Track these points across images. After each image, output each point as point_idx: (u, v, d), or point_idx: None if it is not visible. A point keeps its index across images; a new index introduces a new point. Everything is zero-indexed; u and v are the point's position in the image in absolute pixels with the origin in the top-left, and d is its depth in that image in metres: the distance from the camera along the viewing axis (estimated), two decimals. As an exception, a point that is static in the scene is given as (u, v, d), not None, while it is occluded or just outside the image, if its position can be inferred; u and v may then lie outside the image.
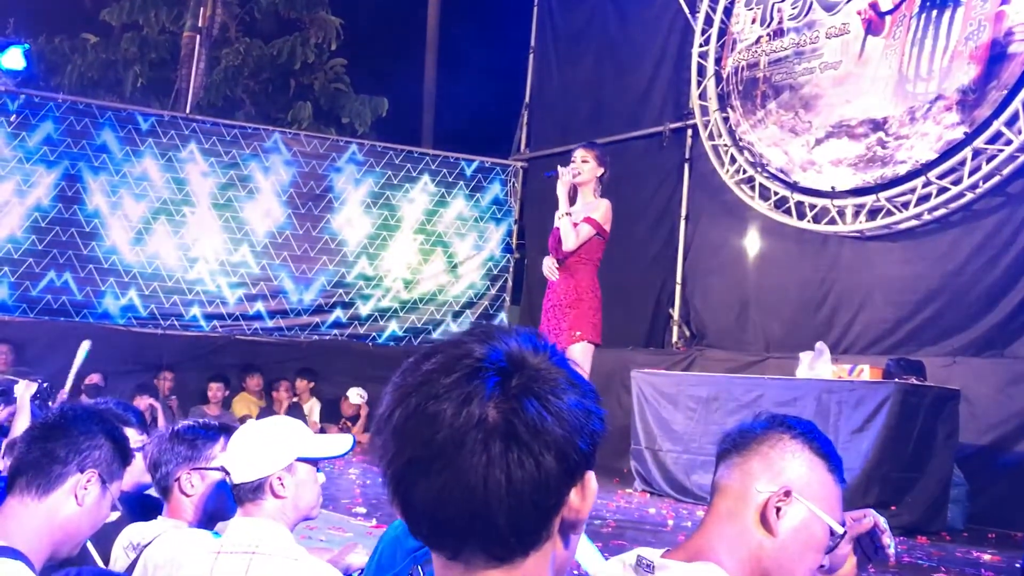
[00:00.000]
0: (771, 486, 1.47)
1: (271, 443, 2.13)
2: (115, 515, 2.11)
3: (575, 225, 5.11)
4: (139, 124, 9.25)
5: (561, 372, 0.93)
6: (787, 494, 1.46)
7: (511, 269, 10.51)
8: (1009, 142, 6.41)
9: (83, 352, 5.17)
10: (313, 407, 9.20)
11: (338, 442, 2.27)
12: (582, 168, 5.21)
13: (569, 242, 5.09)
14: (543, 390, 0.90)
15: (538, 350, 0.94)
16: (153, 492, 2.64)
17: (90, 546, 2.28)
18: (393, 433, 0.91)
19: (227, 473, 2.13)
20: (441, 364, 0.92)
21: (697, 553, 1.45)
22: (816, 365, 5.93)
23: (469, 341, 0.94)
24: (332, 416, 9.08)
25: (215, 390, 8.79)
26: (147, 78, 12.51)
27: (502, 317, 10.44)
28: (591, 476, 0.93)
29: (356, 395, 9.11)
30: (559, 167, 5.28)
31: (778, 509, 1.45)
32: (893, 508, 5.31)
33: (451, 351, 0.93)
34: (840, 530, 1.50)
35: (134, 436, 2.78)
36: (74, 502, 1.93)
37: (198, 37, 11.15)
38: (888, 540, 1.62)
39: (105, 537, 2.33)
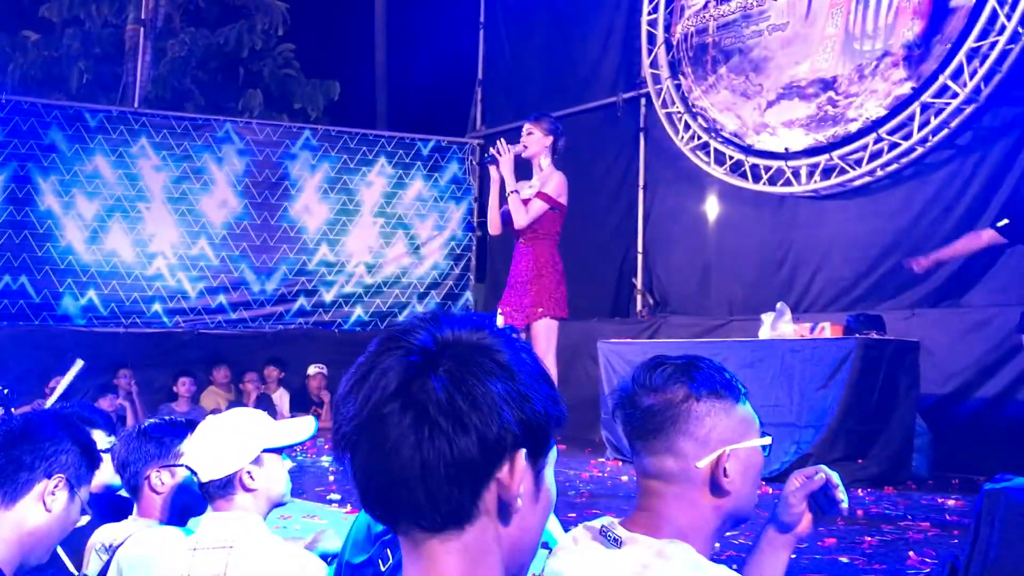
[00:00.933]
0: (708, 456, 1.48)
1: (235, 437, 2.12)
2: (85, 519, 2.09)
3: (525, 202, 5.11)
4: (87, 121, 9.09)
5: (497, 354, 0.96)
6: (726, 454, 1.49)
7: (474, 247, 10.50)
8: (955, 95, 6.50)
9: (75, 371, 5.07)
10: (282, 397, 9.17)
11: (301, 427, 2.27)
12: (528, 141, 5.20)
13: (520, 219, 5.09)
14: (463, 373, 0.94)
15: (477, 333, 0.98)
16: (123, 493, 2.63)
17: (60, 551, 2.28)
18: (334, 410, 1.00)
19: (194, 472, 2.13)
20: (378, 347, 0.98)
21: (655, 528, 1.47)
22: (778, 325, 6.01)
23: (412, 326, 0.99)
24: (302, 404, 9.06)
25: (183, 385, 8.73)
26: (92, 73, 12.27)
27: (467, 296, 10.45)
28: (520, 456, 0.96)
29: (314, 368, 9.17)
30: (495, 151, 5.25)
31: (725, 468, 1.48)
32: (860, 461, 5.42)
33: (391, 335, 0.99)
34: (768, 440, 1.55)
35: (102, 438, 2.77)
36: (42, 508, 1.92)
37: (142, 29, 10.97)
38: (841, 494, 1.66)
39: (77, 540, 2.33)
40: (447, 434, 0.92)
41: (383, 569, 1.86)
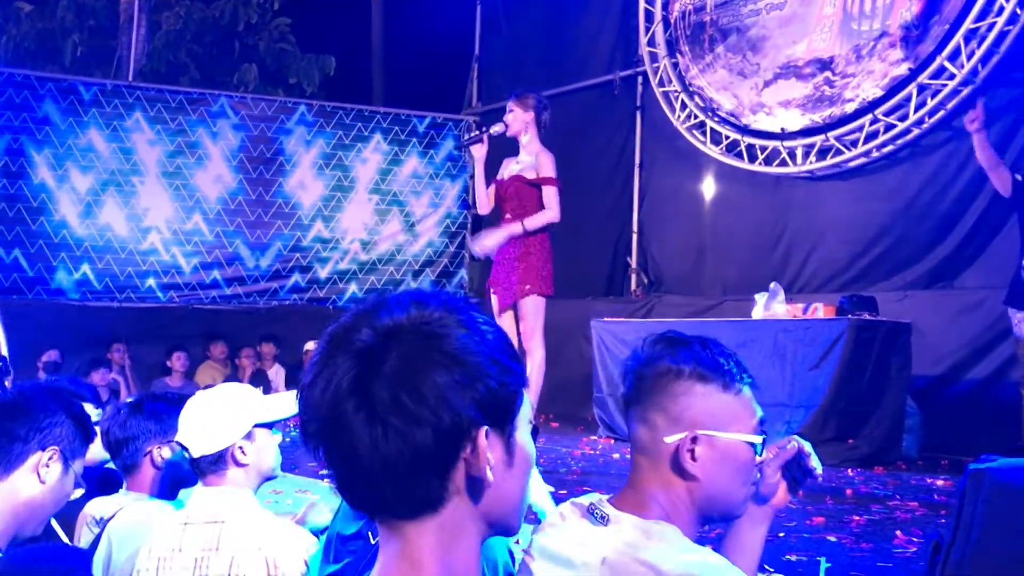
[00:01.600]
0: (677, 434, 1.46)
1: (226, 413, 2.13)
2: (79, 492, 2.11)
3: (520, 180, 5.11)
4: (81, 94, 9.03)
5: (442, 341, 0.97)
6: (695, 439, 1.45)
7: (469, 225, 10.48)
8: (952, 76, 6.49)
9: None
10: (278, 373, 9.19)
11: (292, 401, 2.27)
12: (508, 120, 5.19)
13: (547, 216, 5.08)
14: (407, 369, 0.95)
15: (420, 317, 0.99)
16: (109, 465, 2.64)
17: (55, 524, 2.29)
18: (300, 404, 1.02)
19: (185, 448, 2.13)
20: (326, 345, 1.00)
21: (640, 505, 1.47)
22: (771, 305, 6.03)
23: (354, 322, 1.00)
24: (297, 380, 9.06)
25: (177, 360, 8.73)
26: (87, 46, 12.18)
27: (462, 273, 10.44)
28: (482, 435, 0.97)
29: (312, 344, 9.16)
30: (475, 131, 5.28)
31: (692, 452, 1.45)
32: (851, 441, 5.46)
33: (334, 334, 1.00)
34: (758, 440, 1.50)
35: (90, 411, 2.78)
36: (36, 480, 1.94)
37: (137, 2, 10.86)
38: (814, 462, 1.65)
39: (68, 513, 2.34)
40: (399, 431, 0.94)
41: (373, 542, 1.87)
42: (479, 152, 5.21)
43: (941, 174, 6.74)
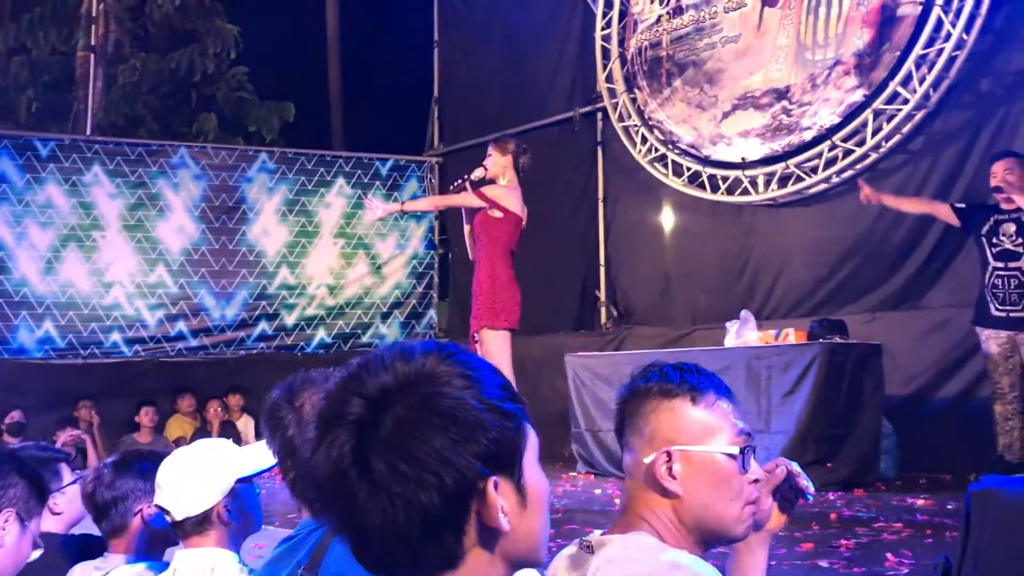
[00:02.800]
0: (650, 453, 1.47)
1: (208, 472, 2.07)
2: (37, 553, 2.09)
3: (468, 184, 5.42)
4: (38, 150, 8.94)
5: (432, 401, 0.95)
6: (668, 455, 1.46)
7: (436, 265, 10.48)
8: (906, 101, 6.63)
9: None
10: (247, 424, 9.04)
11: (263, 454, 2.22)
12: (487, 163, 5.41)
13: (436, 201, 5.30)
14: (401, 438, 0.93)
15: (408, 376, 0.97)
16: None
17: None
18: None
19: (164, 511, 2.06)
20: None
21: (627, 528, 1.47)
22: (743, 333, 6.07)
23: (343, 396, 0.97)
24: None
25: (146, 415, 8.57)
26: (42, 102, 12.09)
27: (431, 314, 10.41)
28: (490, 486, 0.96)
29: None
30: (456, 183, 5.58)
31: (669, 469, 1.45)
32: (829, 465, 5.48)
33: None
34: (735, 450, 1.48)
35: (67, 473, 2.71)
36: None
37: (92, 56, 10.81)
38: (805, 482, 1.65)
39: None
40: (404, 499, 0.92)
41: None
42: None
43: (901, 196, 6.85)
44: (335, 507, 0.97)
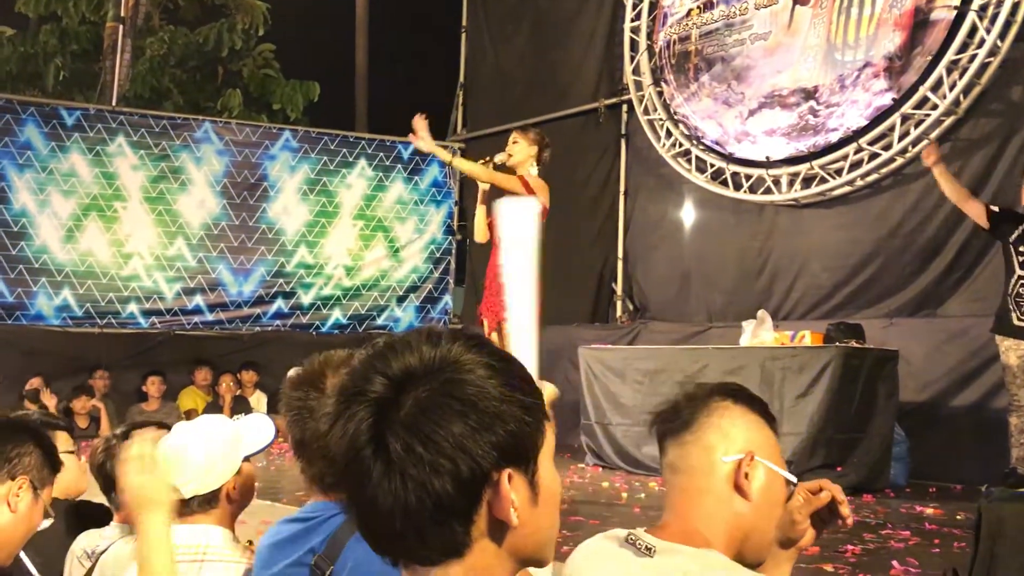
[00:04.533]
0: (734, 453, 1.50)
1: (218, 451, 2.08)
2: (48, 522, 2.11)
3: (497, 166, 5.26)
4: (64, 119, 8.98)
5: (455, 387, 0.95)
6: (752, 458, 1.49)
7: (454, 251, 10.48)
8: (935, 106, 6.56)
9: None
10: (260, 400, 9.10)
11: (263, 428, 2.22)
12: (512, 150, 5.29)
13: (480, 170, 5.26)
14: (421, 420, 0.93)
15: (433, 361, 0.97)
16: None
17: (24, 556, 2.25)
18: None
19: (173, 489, 2.04)
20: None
21: (687, 536, 1.46)
22: (759, 333, 6.04)
23: (366, 373, 0.98)
24: (278, 407, 8.98)
25: (152, 385, 8.63)
26: (69, 71, 12.15)
27: (446, 299, 10.42)
28: (504, 478, 0.96)
29: (295, 371, 9.13)
30: (480, 162, 5.42)
31: (746, 474, 1.49)
32: (839, 469, 5.45)
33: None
34: (794, 480, 1.56)
35: (65, 440, 2.72)
36: (7, 510, 1.97)
37: (121, 27, 10.84)
38: (846, 510, 1.65)
39: (57, 548, 2.30)
40: (417, 481, 0.92)
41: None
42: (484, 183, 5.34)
43: (924, 202, 6.80)
44: (346, 483, 0.97)
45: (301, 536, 1.69)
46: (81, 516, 2.59)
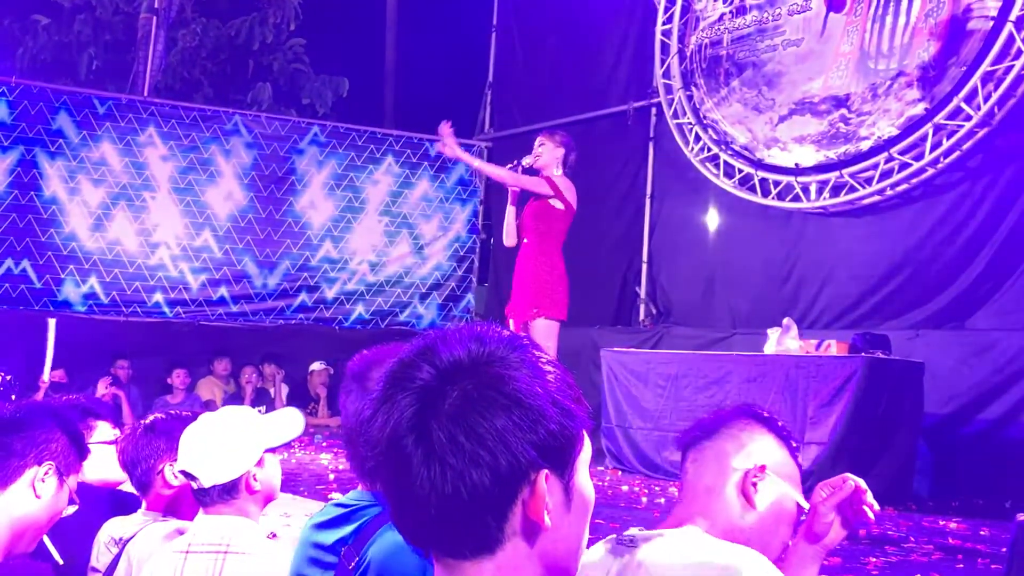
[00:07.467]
0: (746, 463, 1.55)
1: (237, 440, 2.08)
2: (72, 508, 2.11)
3: (524, 168, 5.32)
4: (96, 108, 9.06)
5: (501, 383, 0.96)
6: (762, 469, 1.54)
7: (478, 250, 10.47)
8: (969, 118, 6.50)
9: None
10: (281, 392, 9.15)
11: (291, 422, 2.22)
12: (539, 152, 5.35)
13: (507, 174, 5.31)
14: (466, 410, 0.94)
15: (481, 355, 0.98)
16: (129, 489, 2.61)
17: (47, 541, 2.27)
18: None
19: (191, 477, 2.06)
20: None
21: (679, 523, 1.52)
22: (783, 340, 6.00)
23: (412, 359, 0.99)
24: (301, 399, 9.05)
25: (177, 377, 8.70)
26: (102, 60, 12.24)
27: (469, 298, 10.42)
28: (541, 479, 0.96)
29: (319, 364, 9.25)
30: (509, 165, 5.48)
31: (755, 484, 1.53)
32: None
33: (394, 371, 1.00)
34: (806, 506, 1.61)
35: (107, 429, 2.75)
36: (32, 495, 1.97)
37: (155, 19, 10.92)
38: (871, 498, 1.66)
39: (86, 535, 2.32)
40: (456, 470, 0.93)
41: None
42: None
43: (954, 214, 6.74)
44: (385, 469, 0.97)
45: (338, 522, 1.75)
46: (118, 504, 2.61)
